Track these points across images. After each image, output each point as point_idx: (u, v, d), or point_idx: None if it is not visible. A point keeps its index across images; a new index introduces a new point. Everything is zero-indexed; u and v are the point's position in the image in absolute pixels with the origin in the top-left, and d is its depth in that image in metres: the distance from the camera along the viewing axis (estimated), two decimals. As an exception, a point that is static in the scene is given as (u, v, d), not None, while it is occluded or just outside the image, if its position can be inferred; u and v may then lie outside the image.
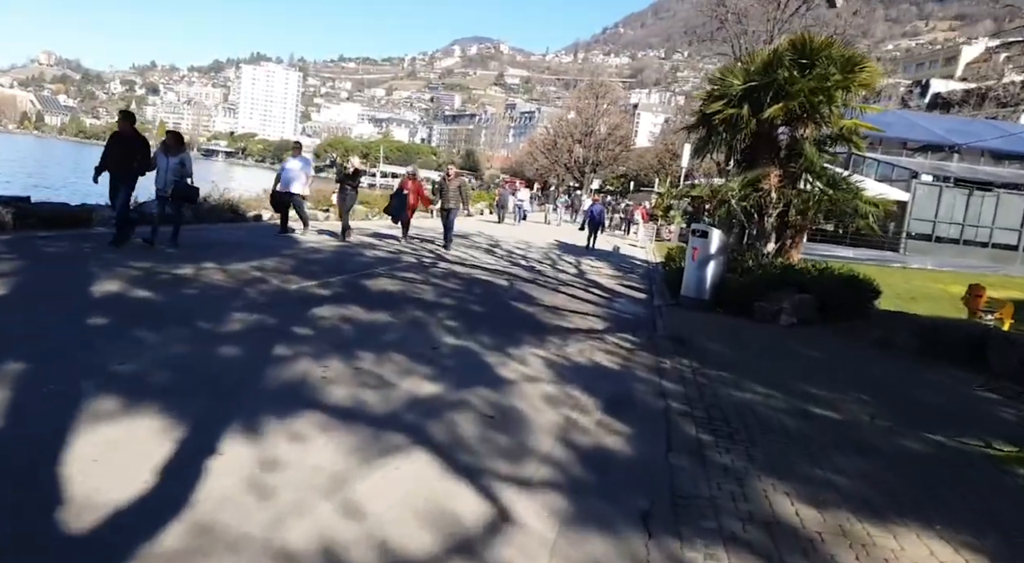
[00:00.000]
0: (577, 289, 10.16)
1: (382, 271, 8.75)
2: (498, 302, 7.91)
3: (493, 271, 10.57)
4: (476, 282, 9.14)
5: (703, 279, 9.78)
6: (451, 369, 4.74)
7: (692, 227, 10.04)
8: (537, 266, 12.35)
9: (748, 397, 5.14)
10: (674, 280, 10.86)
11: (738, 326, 8.76)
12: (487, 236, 17.37)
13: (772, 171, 11.26)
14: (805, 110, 11.01)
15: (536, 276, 10.83)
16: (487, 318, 6.87)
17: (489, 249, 14.05)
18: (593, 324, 7.56)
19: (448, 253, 12.06)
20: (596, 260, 15.29)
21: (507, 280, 9.78)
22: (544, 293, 9.17)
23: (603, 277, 12.22)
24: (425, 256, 11.23)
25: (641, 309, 9.35)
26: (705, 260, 9.78)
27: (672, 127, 61.39)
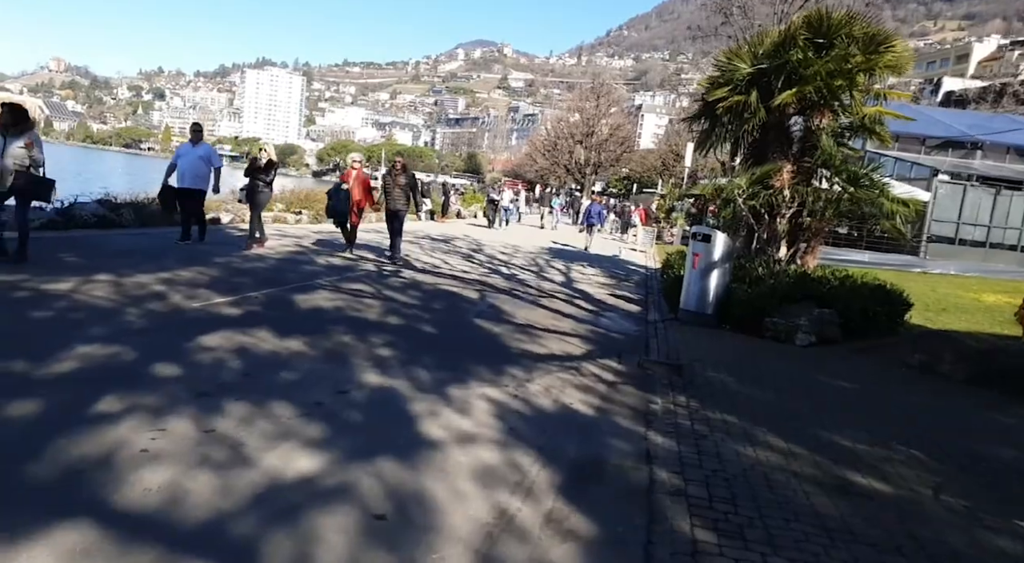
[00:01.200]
0: (560, 301, 8.83)
1: (326, 282, 7.45)
2: (459, 321, 6.59)
3: (465, 281, 9.26)
4: (439, 295, 7.82)
5: (705, 290, 8.45)
6: (352, 427, 3.42)
7: (693, 230, 8.71)
8: (519, 274, 11.02)
9: (763, 457, 3.81)
10: (673, 290, 9.53)
11: (747, 347, 7.42)
12: (471, 241, 16.05)
13: (784, 166, 9.94)
14: (822, 96, 9.68)
15: (515, 286, 9.51)
16: (437, 343, 5.55)
17: (469, 255, 12.74)
18: (572, 347, 6.23)
19: (416, 261, 10.75)
20: (589, 266, 13.95)
21: (478, 292, 8.46)
22: (519, 307, 7.85)
23: (593, 286, 10.89)
24: (388, 264, 9.92)
25: (633, 326, 8.01)
26: (708, 268, 8.44)
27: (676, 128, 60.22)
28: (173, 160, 9.52)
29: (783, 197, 9.20)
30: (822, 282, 8.92)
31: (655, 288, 11.73)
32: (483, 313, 7.13)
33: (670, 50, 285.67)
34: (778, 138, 10.56)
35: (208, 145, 9.94)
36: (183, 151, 9.55)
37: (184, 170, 9.27)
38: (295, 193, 16.76)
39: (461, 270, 10.31)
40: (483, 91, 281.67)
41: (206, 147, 9.73)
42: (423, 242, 13.93)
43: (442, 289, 8.25)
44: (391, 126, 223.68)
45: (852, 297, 8.33)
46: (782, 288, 8.46)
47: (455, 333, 6.03)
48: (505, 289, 9.09)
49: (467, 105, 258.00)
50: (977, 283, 16.15)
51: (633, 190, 54.01)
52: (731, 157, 12.16)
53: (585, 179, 50.94)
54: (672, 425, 4.30)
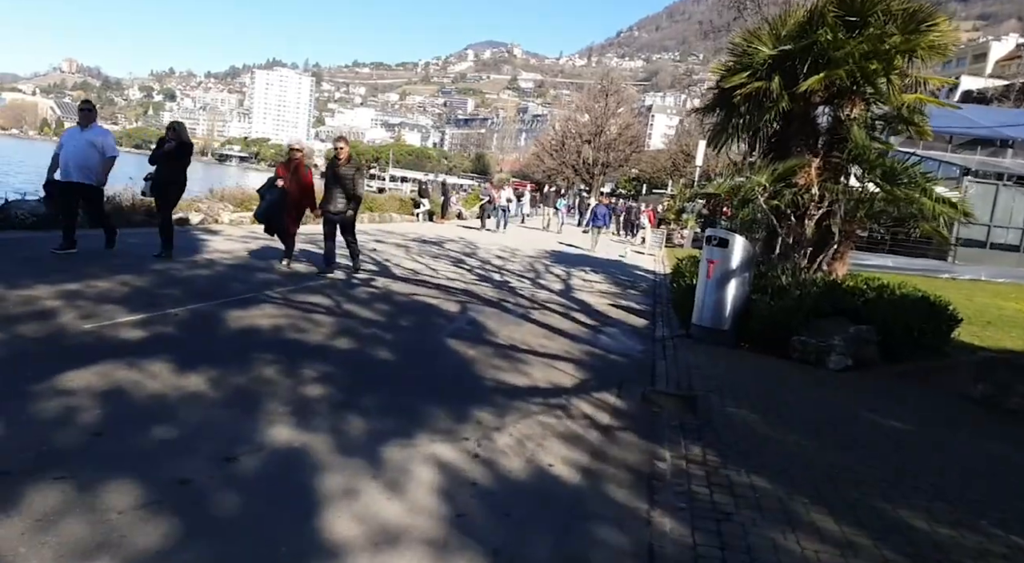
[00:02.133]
0: (555, 314, 7.73)
1: (277, 294, 6.39)
2: (426, 343, 5.50)
3: (448, 290, 8.17)
4: (411, 309, 6.74)
5: (722, 303, 7.33)
6: (217, 526, 2.35)
7: (707, 233, 7.59)
8: (513, 282, 9.93)
9: (812, 553, 2.71)
10: (684, 302, 8.41)
11: (772, 372, 6.29)
12: (466, 244, 14.97)
13: (810, 161, 8.81)
14: (855, 82, 8.54)
15: (505, 296, 8.42)
16: (390, 375, 4.47)
17: (459, 260, 11.65)
18: (561, 375, 5.13)
19: (396, 266, 9.67)
20: (592, 271, 12.83)
21: (460, 304, 7.37)
22: (505, 323, 6.76)
23: (595, 295, 9.77)
24: (360, 271, 8.86)
25: (637, 344, 6.90)
26: (725, 277, 7.32)
27: (686, 128, 58.94)
28: (57, 148, 7.39)
29: (812, 195, 8.05)
30: (855, 293, 7.78)
31: (664, 297, 10.61)
32: (459, 331, 6.03)
33: (681, 50, 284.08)
34: (803, 130, 9.43)
35: (102, 128, 7.72)
36: (68, 136, 7.44)
37: (68, 159, 7.20)
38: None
39: (446, 277, 9.22)
40: (492, 92, 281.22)
41: (98, 130, 7.55)
42: (411, 245, 12.87)
43: (417, 301, 7.16)
44: (400, 127, 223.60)
45: (892, 311, 7.18)
46: (810, 300, 7.32)
47: (417, 360, 4.94)
48: (493, 300, 8.00)
49: (476, 106, 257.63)
50: (1014, 291, 14.90)
51: (643, 191, 52.79)
52: (749, 152, 11.01)
53: (593, 180, 49.75)
54: (685, 496, 3.21)
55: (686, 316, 8.06)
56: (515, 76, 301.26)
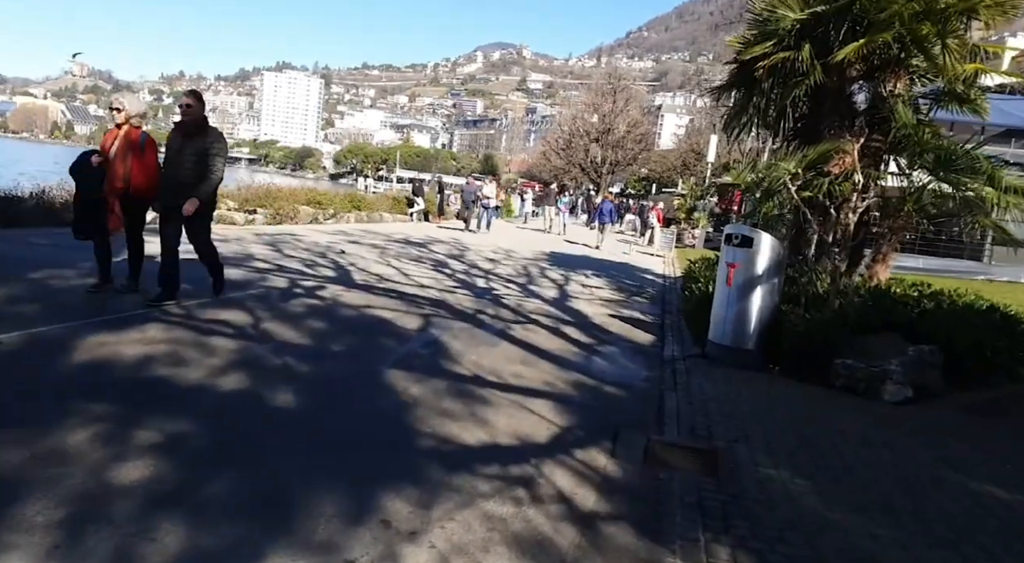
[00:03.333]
0: (542, 329, 6.38)
1: (179, 309, 5.07)
2: (354, 379, 4.15)
3: (414, 301, 6.84)
4: (355, 328, 5.40)
5: (745, 316, 5.96)
6: None
7: (727, 230, 6.22)
8: (499, 288, 8.59)
9: None
10: (698, 313, 7.04)
11: (812, 407, 4.91)
12: (455, 245, 13.64)
13: (846, 145, 7.43)
14: (902, 48, 7.17)
15: (484, 307, 7.08)
16: (276, 434, 3.13)
17: (441, 263, 10.32)
18: (534, 424, 3.79)
19: (361, 271, 8.35)
20: (593, 275, 11.47)
21: (423, 318, 6.03)
22: (476, 343, 5.42)
23: (594, 304, 8.41)
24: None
25: (641, 369, 5.53)
26: (748, 284, 5.95)
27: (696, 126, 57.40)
28: None
29: (853, 184, 6.65)
30: (907, 303, 6.39)
31: (674, 305, 9.23)
32: (409, 358, 4.70)
33: (691, 50, 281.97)
34: (837, 109, 8.05)
35: None
36: None
37: None
38: (252, 188, 14.50)
39: (418, 285, 7.89)
40: (502, 93, 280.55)
41: None
42: (391, 247, 11.56)
43: (368, 316, 5.83)
44: (409, 128, 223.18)
45: (957, 327, 5.78)
46: (854, 312, 5.94)
47: (330, 406, 3.60)
48: (467, 312, 6.66)
49: (485, 107, 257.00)
50: (1066, 295, 13.37)
51: (652, 190, 51.31)
52: (772, 137, 9.62)
53: (601, 179, 48.30)
54: None
55: (700, 330, 6.70)
56: (524, 77, 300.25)
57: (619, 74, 54.98)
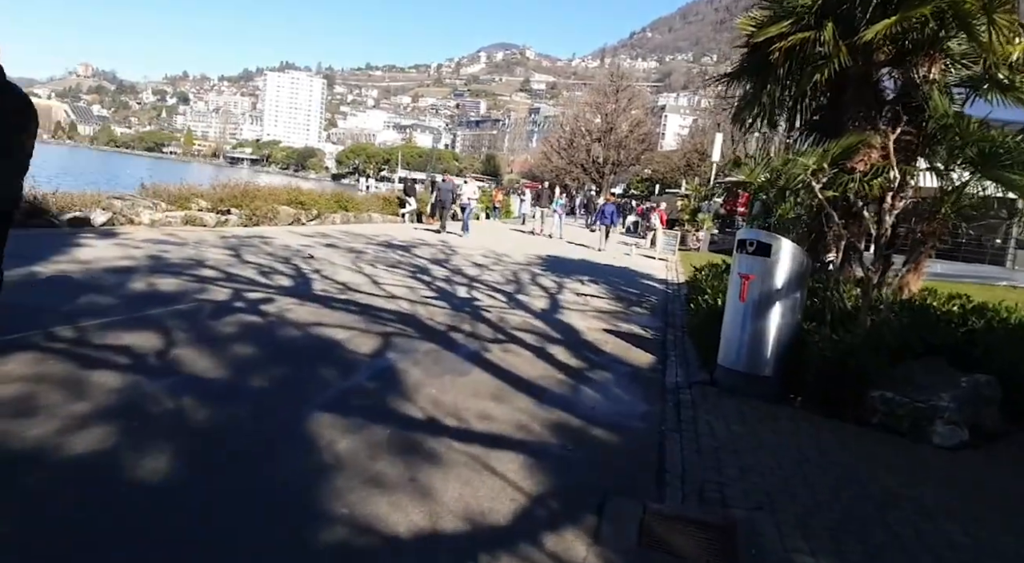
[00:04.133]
0: (524, 351, 5.48)
1: (71, 332, 4.16)
2: (266, 427, 3.23)
3: (377, 315, 5.94)
4: (290, 353, 4.50)
5: (761, 337, 5.05)
6: None
7: (741, 236, 5.29)
8: (482, 299, 7.68)
9: None
10: (705, 329, 6.13)
11: (849, 456, 3.99)
12: (441, 249, 12.73)
13: (874, 138, 6.55)
14: (942, 25, 6.26)
15: (460, 322, 6.16)
16: (114, 539, 2.23)
17: (421, 269, 9.40)
18: (496, 490, 2.88)
19: (324, 279, 7.46)
20: (589, 282, 10.55)
21: (382, 339, 5.13)
22: (440, 371, 4.52)
23: (588, 317, 7.50)
24: (273, 281, 6.66)
25: (638, 404, 4.62)
26: (766, 300, 5.04)
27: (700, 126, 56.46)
28: None
29: (888, 182, 5.73)
30: (952, 321, 5.48)
31: (678, 316, 8.32)
32: (349, 395, 3.80)
33: (694, 51, 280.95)
34: (862, 98, 7.16)
35: None
36: None
37: None
38: (228, 186, 13.61)
39: (388, 295, 6.98)
40: (505, 94, 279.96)
41: None
42: (369, 251, 10.66)
43: (316, 336, 4.93)
44: (412, 129, 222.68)
45: (1015, 350, 4.86)
46: (891, 333, 5.01)
47: (220, 476, 2.69)
48: (440, 329, 5.76)
49: (488, 108, 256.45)
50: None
51: (655, 191, 50.37)
52: (788, 129, 8.73)
53: (603, 179, 47.37)
54: None
55: (708, 351, 5.79)
56: (528, 78, 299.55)
57: (622, 73, 53.97)
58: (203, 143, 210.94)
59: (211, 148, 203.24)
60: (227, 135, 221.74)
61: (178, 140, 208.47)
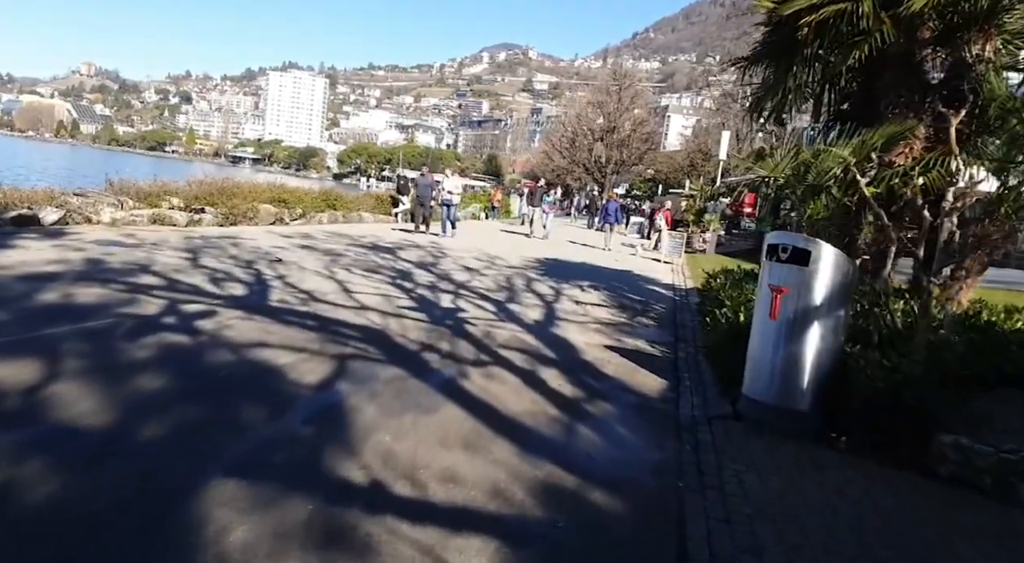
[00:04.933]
0: (510, 375, 4.58)
1: None
2: (137, 510, 2.36)
3: (338, 331, 5.05)
4: (219, 383, 3.61)
5: (797, 362, 4.15)
6: None
7: (772, 241, 4.37)
8: (467, 309, 6.78)
9: None
10: (723, 348, 5.23)
11: (917, 521, 3.08)
12: (430, 250, 11.83)
13: (915, 127, 5.69)
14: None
15: (437, 340, 5.27)
16: None
17: (403, 273, 8.49)
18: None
19: (290, 288, 6.56)
20: (590, 288, 9.65)
21: (336, 363, 4.24)
22: (402, 408, 3.63)
23: (588, 330, 6.61)
24: (224, 290, 5.78)
25: (648, 450, 3.72)
26: (803, 317, 4.15)
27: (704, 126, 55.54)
28: None
29: (946, 175, 4.83)
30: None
31: (689, 328, 7.42)
32: (272, 447, 2.91)
33: (697, 52, 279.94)
34: (902, 81, 6.27)
35: None
36: None
37: None
38: (204, 183, 12.72)
39: (358, 306, 6.09)
40: (507, 94, 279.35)
41: None
42: (348, 253, 9.76)
43: (253, 361, 4.03)
44: (414, 129, 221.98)
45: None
46: (955, 359, 4.11)
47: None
48: (412, 349, 4.86)
49: (491, 108, 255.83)
50: None
51: (659, 191, 49.44)
52: (813, 119, 7.83)
53: (606, 179, 46.44)
54: None
55: (729, 375, 4.90)
56: (530, 78, 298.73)
57: (625, 72, 53.03)
58: (205, 142, 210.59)
59: (213, 147, 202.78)
60: (229, 134, 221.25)
61: (180, 139, 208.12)
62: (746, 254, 19.62)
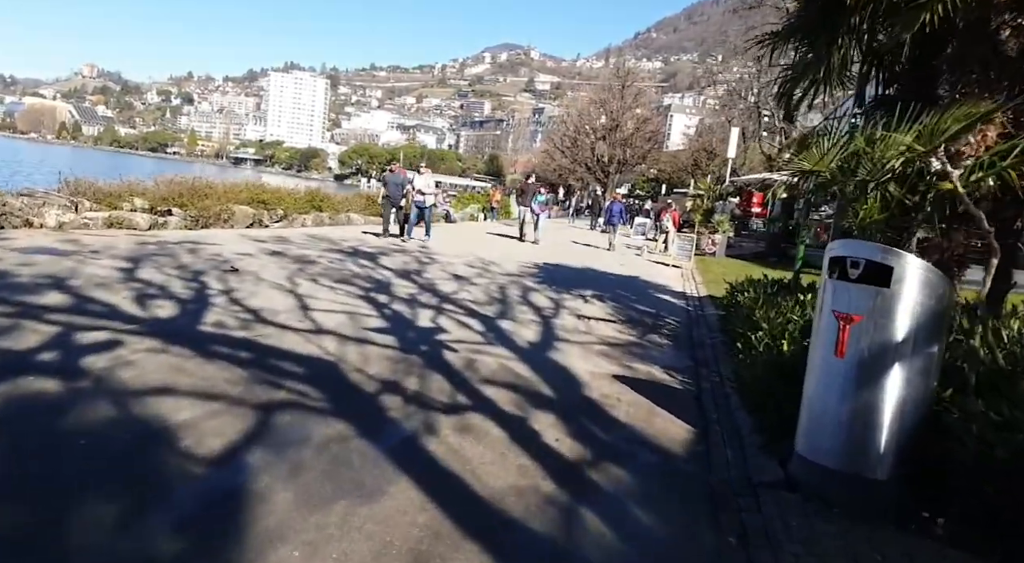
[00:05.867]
0: (496, 424, 3.54)
1: None
2: None
3: (275, 366, 4.00)
4: (74, 456, 2.58)
5: (872, 415, 3.09)
6: None
7: (837, 252, 3.31)
8: (449, 329, 5.73)
9: None
10: (763, 387, 4.17)
11: None
12: (419, 256, 10.78)
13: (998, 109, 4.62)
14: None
15: (405, 373, 4.22)
16: None
17: (381, 285, 7.44)
18: None
19: (226, 308, 5.51)
20: (593, 298, 8.59)
21: (261, 414, 3.20)
22: (334, 492, 2.59)
23: (592, 354, 5.56)
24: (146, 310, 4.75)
25: (680, 545, 2.65)
26: (881, 356, 3.08)
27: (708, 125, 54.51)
28: None
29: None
30: None
31: (708, 345, 6.37)
32: None
33: (699, 51, 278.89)
34: (972, 55, 5.20)
35: None
36: None
37: None
38: (174, 183, 11.68)
39: (313, 328, 5.04)
40: (509, 94, 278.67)
41: None
42: (324, 259, 8.71)
43: (137, 416, 2.99)
44: (415, 129, 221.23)
45: None
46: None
47: None
48: (367, 391, 3.82)
49: (493, 108, 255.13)
50: None
51: (662, 191, 48.37)
52: (856, 100, 6.75)
53: (608, 178, 45.35)
54: None
55: (773, 421, 3.85)
56: (532, 78, 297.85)
57: (628, 69, 51.94)
58: (207, 143, 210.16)
59: (214, 148, 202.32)
60: (231, 135, 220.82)
61: (182, 140, 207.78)
62: (757, 257, 18.55)
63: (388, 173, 14.57)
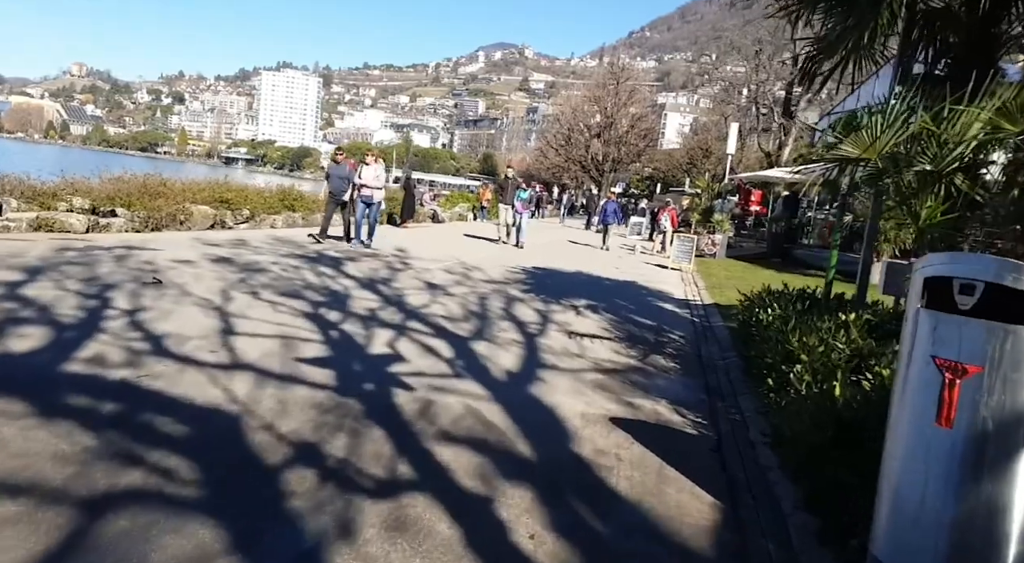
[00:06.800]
0: (446, 514, 2.49)
1: None
2: None
3: (145, 427, 2.94)
4: None
5: (996, 520, 2.03)
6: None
7: (933, 269, 2.28)
8: (408, 357, 4.67)
9: None
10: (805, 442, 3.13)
11: None
12: (392, 260, 9.71)
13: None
14: None
15: (335, 428, 3.17)
16: None
17: (339, 297, 6.35)
18: None
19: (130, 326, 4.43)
20: (587, 308, 7.55)
21: (83, 516, 2.15)
22: None
23: (584, 386, 4.51)
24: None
25: None
26: (1006, 430, 2.03)
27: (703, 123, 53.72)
28: None
29: None
30: None
31: (720, 369, 5.34)
32: None
33: (693, 50, 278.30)
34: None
35: None
36: None
37: None
38: (123, 181, 10.56)
39: (222, 364, 3.96)
40: (504, 93, 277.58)
41: None
42: (274, 267, 7.62)
43: None
44: (409, 128, 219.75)
45: None
46: None
47: None
48: (272, 461, 2.76)
49: (487, 107, 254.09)
50: None
51: (657, 190, 47.40)
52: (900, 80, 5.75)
53: (603, 177, 44.36)
54: None
55: (828, 500, 2.81)
56: (526, 77, 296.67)
57: (622, 66, 50.98)
58: (198, 143, 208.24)
59: (206, 148, 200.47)
60: (222, 135, 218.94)
61: (172, 140, 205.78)
62: (758, 258, 17.59)
63: (331, 164, 11.91)
